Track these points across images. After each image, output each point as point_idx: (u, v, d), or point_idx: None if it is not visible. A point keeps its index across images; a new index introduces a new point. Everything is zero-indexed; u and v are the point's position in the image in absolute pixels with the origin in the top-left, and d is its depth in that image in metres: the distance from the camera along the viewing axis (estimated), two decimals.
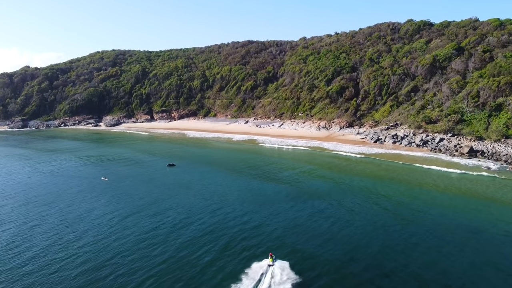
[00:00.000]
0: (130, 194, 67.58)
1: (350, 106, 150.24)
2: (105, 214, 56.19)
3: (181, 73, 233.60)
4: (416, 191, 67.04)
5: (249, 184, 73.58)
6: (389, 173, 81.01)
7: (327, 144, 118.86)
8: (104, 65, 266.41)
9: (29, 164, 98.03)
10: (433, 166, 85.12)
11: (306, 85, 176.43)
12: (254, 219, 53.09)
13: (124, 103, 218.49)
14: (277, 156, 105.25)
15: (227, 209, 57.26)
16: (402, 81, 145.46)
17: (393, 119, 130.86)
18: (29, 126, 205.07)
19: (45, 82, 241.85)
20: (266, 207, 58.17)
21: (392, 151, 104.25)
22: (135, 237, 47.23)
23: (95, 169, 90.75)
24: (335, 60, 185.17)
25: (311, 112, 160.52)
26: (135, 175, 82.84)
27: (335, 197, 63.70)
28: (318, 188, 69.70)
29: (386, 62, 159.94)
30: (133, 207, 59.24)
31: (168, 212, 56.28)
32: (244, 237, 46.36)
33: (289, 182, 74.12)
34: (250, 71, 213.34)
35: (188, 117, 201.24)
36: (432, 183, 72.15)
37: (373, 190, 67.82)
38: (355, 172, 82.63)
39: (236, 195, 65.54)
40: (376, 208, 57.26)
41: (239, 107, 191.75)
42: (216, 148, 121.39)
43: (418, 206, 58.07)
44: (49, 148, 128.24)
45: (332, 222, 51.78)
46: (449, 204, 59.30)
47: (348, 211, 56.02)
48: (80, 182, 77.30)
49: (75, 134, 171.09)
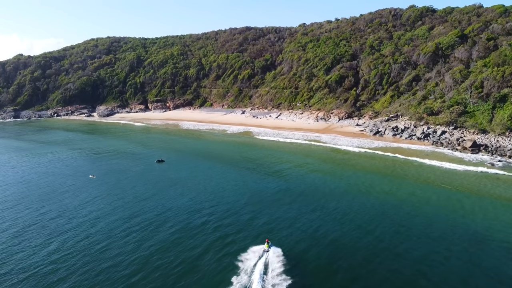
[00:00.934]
0: (117, 193, 64.78)
1: (350, 96, 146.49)
2: (90, 214, 53.49)
3: (177, 61, 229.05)
4: (417, 189, 64.08)
5: (241, 179, 71.35)
6: (389, 169, 78.01)
7: (325, 137, 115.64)
8: (98, 53, 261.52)
9: (11, 160, 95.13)
10: (434, 162, 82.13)
11: (305, 74, 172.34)
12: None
13: (118, 92, 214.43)
14: (272, 150, 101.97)
15: (222, 206, 55.54)
16: (403, 70, 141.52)
17: (394, 110, 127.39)
18: (21, 116, 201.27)
19: (37, 71, 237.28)
20: (259, 201, 59.44)
21: (392, 145, 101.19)
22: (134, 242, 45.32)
23: (83, 164, 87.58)
24: (334, 48, 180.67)
25: (309, 103, 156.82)
26: (123, 172, 79.90)
27: (330, 192, 61.54)
28: (312, 185, 66.86)
29: (387, 50, 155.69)
30: (121, 206, 56.65)
31: (148, 211, 53.67)
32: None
33: (283, 177, 71.22)
34: (248, 59, 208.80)
35: (183, 107, 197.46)
36: (434, 181, 69.13)
37: (370, 187, 64.94)
38: (352, 168, 79.61)
39: (227, 192, 63.63)
40: (372, 206, 54.53)
41: (235, 96, 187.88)
42: (209, 141, 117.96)
43: (417, 206, 55.23)
44: (36, 140, 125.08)
45: (324, 217, 52.52)
46: (450, 203, 56.42)
47: (343, 209, 53.59)
48: (65, 180, 74.34)
49: (66, 125, 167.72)
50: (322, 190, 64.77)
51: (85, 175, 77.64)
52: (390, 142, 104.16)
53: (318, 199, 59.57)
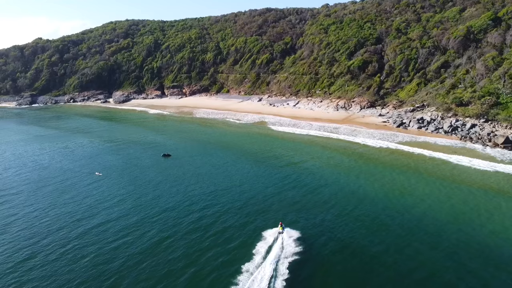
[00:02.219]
0: (126, 193, 62.52)
1: (373, 83, 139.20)
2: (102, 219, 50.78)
3: (194, 45, 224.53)
4: (444, 193, 58.42)
5: (253, 173, 69.07)
6: (412, 168, 72.16)
7: (344, 129, 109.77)
8: (116, 37, 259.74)
9: (13, 152, 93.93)
10: (462, 159, 75.95)
11: (326, 59, 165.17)
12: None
13: (135, 78, 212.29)
14: (286, 143, 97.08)
15: (232, 200, 51.93)
16: (431, 55, 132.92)
17: (420, 99, 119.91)
18: (38, 102, 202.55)
19: (55, 55, 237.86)
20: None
21: (417, 139, 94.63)
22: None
23: (90, 160, 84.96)
24: (358, 31, 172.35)
25: (329, 90, 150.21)
26: (130, 168, 76.99)
27: (344, 189, 59.07)
28: (326, 181, 62.39)
29: (414, 33, 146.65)
30: (134, 205, 54.78)
31: (157, 213, 50.56)
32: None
33: (294, 173, 66.82)
34: (267, 42, 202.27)
35: (200, 93, 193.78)
36: (463, 181, 63.37)
37: (390, 187, 59.87)
38: (371, 166, 74.22)
39: (235, 189, 62.68)
40: (392, 208, 49.82)
41: (253, 82, 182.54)
42: (221, 132, 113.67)
43: (445, 211, 50.00)
44: (47, 129, 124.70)
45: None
46: (482, 212, 50.85)
47: (361, 209, 50.21)
48: (68, 177, 72.03)
49: (80, 112, 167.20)
50: (335, 186, 62.93)
51: (92, 170, 75.54)
52: (415, 136, 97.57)
53: (331, 195, 59.52)
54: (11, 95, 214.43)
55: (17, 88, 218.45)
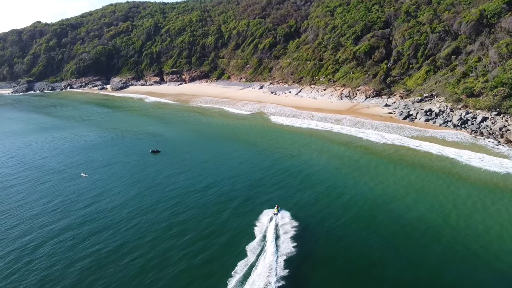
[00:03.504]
0: (110, 195, 59.59)
1: (380, 70, 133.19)
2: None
3: (195, 29, 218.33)
4: (450, 200, 53.89)
5: (244, 172, 64.81)
6: (417, 169, 67.37)
7: (347, 120, 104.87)
8: (115, 20, 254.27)
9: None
10: (472, 158, 71.24)
11: (331, 44, 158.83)
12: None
13: (133, 63, 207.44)
14: (284, 138, 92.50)
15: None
16: (442, 41, 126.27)
17: (428, 88, 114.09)
18: (34, 88, 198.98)
19: (53, 40, 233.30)
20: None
21: (424, 133, 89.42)
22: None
23: (76, 156, 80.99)
24: (366, 13, 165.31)
25: (333, 77, 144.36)
26: (116, 167, 73.36)
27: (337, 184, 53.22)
28: (320, 181, 58.08)
29: (424, 17, 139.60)
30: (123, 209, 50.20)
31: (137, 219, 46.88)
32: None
33: (287, 174, 62.64)
34: (270, 25, 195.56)
35: (199, 79, 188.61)
36: (472, 185, 58.65)
37: (391, 190, 55.47)
38: (375, 164, 69.59)
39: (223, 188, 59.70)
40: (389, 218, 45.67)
41: (254, 68, 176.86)
42: (217, 125, 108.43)
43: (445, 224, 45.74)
44: (34, 120, 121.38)
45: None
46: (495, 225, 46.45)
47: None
48: (50, 177, 68.53)
49: (75, 100, 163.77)
50: (331, 192, 58.06)
51: (78, 169, 72.13)
52: (422, 129, 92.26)
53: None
54: (8, 81, 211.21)
55: (14, 74, 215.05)
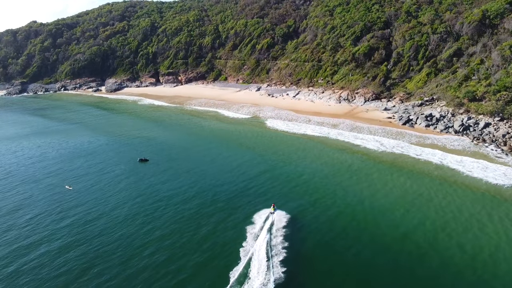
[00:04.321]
0: (99, 207, 56.69)
1: (379, 72, 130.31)
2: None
3: (192, 29, 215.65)
4: (447, 216, 51.06)
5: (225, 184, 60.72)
6: (415, 180, 64.51)
7: (345, 124, 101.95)
8: (111, 19, 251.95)
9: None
10: (474, 168, 68.19)
11: (330, 44, 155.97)
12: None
13: (129, 64, 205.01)
14: (277, 145, 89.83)
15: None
16: (443, 42, 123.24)
17: (429, 91, 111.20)
18: (28, 90, 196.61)
19: (48, 40, 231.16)
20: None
21: (425, 139, 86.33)
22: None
23: (61, 165, 78.20)
24: (366, 13, 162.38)
25: (332, 79, 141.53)
26: (101, 178, 70.54)
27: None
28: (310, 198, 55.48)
29: (425, 17, 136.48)
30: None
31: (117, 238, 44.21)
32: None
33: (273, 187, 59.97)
34: (268, 25, 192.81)
35: (196, 80, 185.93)
36: (473, 200, 55.75)
37: (383, 205, 52.70)
38: (370, 174, 66.76)
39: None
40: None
41: (252, 70, 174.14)
42: (210, 130, 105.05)
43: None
44: (20, 125, 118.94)
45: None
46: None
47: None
48: (32, 191, 65.91)
49: (67, 102, 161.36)
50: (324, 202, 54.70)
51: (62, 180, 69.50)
52: (422, 135, 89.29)
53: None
54: (2, 82, 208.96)
55: (8, 76, 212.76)
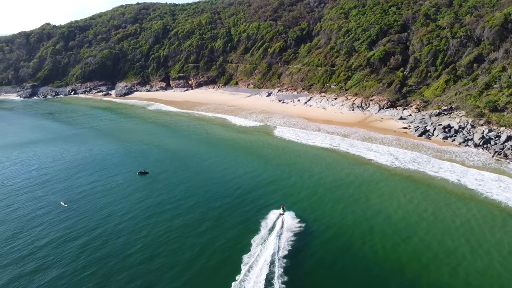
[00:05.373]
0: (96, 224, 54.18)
1: (395, 78, 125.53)
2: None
3: (204, 31, 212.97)
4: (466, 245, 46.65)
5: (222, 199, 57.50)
6: (428, 201, 60.06)
7: (357, 134, 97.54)
8: (124, 22, 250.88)
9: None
10: (493, 188, 63.35)
11: (344, 48, 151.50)
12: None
13: (140, 67, 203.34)
14: (284, 157, 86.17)
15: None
16: (463, 47, 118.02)
17: (448, 100, 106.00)
18: (38, 94, 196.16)
19: (60, 43, 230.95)
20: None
21: (442, 153, 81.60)
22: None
23: (57, 181, 75.14)
24: (382, 16, 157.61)
25: (345, 85, 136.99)
26: (98, 194, 67.82)
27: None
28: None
29: (445, 21, 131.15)
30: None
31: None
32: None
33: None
34: (281, 28, 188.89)
35: (206, 85, 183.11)
36: (493, 228, 51.15)
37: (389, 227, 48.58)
38: (378, 195, 62.50)
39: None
40: None
41: (263, 74, 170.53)
42: (215, 140, 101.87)
43: None
44: (21, 132, 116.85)
45: None
46: None
47: None
48: (24, 210, 63.55)
49: (75, 107, 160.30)
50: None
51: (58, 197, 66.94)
52: (439, 148, 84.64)
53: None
54: (13, 85, 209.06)
55: (19, 78, 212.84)
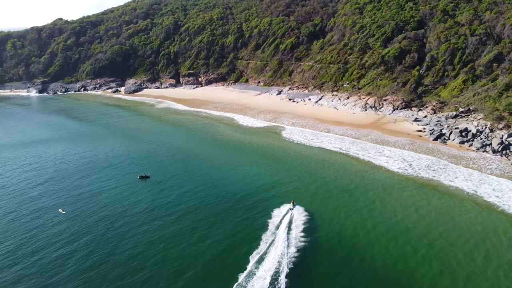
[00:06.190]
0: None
1: (410, 77, 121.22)
2: None
3: (215, 27, 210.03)
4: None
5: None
6: (440, 218, 56.56)
7: (369, 137, 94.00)
8: (135, 17, 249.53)
9: None
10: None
11: (358, 45, 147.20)
12: None
13: (150, 64, 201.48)
14: (290, 162, 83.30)
15: None
16: (482, 45, 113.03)
17: (465, 101, 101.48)
18: (48, 90, 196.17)
19: (71, 38, 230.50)
20: None
21: (458, 161, 77.57)
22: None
23: (55, 185, 73.31)
24: (398, 12, 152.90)
25: (358, 84, 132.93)
26: (97, 199, 66.19)
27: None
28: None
29: (463, 17, 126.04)
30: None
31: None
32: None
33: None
34: (294, 24, 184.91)
35: (216, 82, 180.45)
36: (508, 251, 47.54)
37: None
38: (388, 208, 59.25)
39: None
40: None
41: (274, 71, 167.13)
42: (222, 141, 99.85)
43: None
44: (21, 134, 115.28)
45: None
46: None
47: None
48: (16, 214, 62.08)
49: (83, 104, 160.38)
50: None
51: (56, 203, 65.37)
52: (455, 153, 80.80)
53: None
54: (24, 81, 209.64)
55: (30, 74, 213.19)
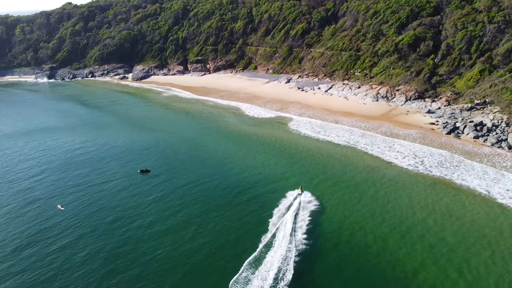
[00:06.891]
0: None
1: (425, 66, 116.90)
2: None
3: (225, 12, 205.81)
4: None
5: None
6: (450, 218, 53.80)
7: (380, 130, 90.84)
8: (144, 2, 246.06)
9: None
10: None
11: (371, 32, 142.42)
12: None
13: (158, 50, 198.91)
14: (293, 158, 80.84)
15: None
16: (501, 34, 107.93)
17: (482, 92, 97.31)
18: (56, 76, 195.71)
19: (79, 23, 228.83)
20: None
21: (472, 157, 74.24)
22: None
23: (54, 180, 71.93)
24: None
25: (370, 72, 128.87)
26: (96, 194, 65.03)
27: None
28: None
29: (482, 3, 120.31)
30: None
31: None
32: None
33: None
34: (305, 8, 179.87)
35: (224, 69, 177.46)
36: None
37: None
38: (392, 210, 56.68)
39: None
40: None
41: (284, 58, 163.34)
42: (226, 133, 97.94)
43: None
44: (22, 121, 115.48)
45: None
46: None
47: None
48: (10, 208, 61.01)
49: (89, 91, 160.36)
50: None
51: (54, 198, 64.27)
52: (469, 148, 77.47)
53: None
54: (32, 67, 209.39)
55: (38, 60, 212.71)
